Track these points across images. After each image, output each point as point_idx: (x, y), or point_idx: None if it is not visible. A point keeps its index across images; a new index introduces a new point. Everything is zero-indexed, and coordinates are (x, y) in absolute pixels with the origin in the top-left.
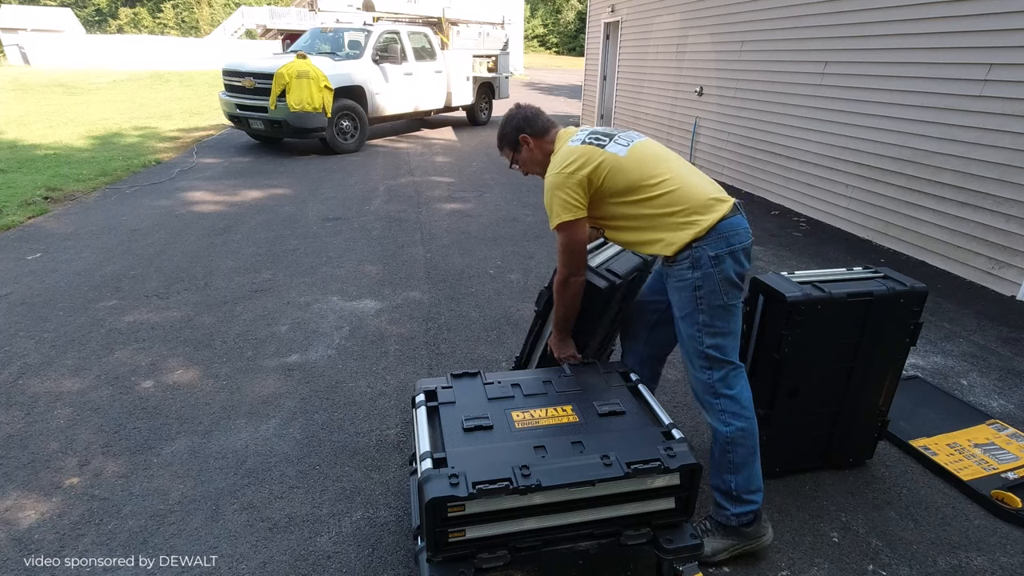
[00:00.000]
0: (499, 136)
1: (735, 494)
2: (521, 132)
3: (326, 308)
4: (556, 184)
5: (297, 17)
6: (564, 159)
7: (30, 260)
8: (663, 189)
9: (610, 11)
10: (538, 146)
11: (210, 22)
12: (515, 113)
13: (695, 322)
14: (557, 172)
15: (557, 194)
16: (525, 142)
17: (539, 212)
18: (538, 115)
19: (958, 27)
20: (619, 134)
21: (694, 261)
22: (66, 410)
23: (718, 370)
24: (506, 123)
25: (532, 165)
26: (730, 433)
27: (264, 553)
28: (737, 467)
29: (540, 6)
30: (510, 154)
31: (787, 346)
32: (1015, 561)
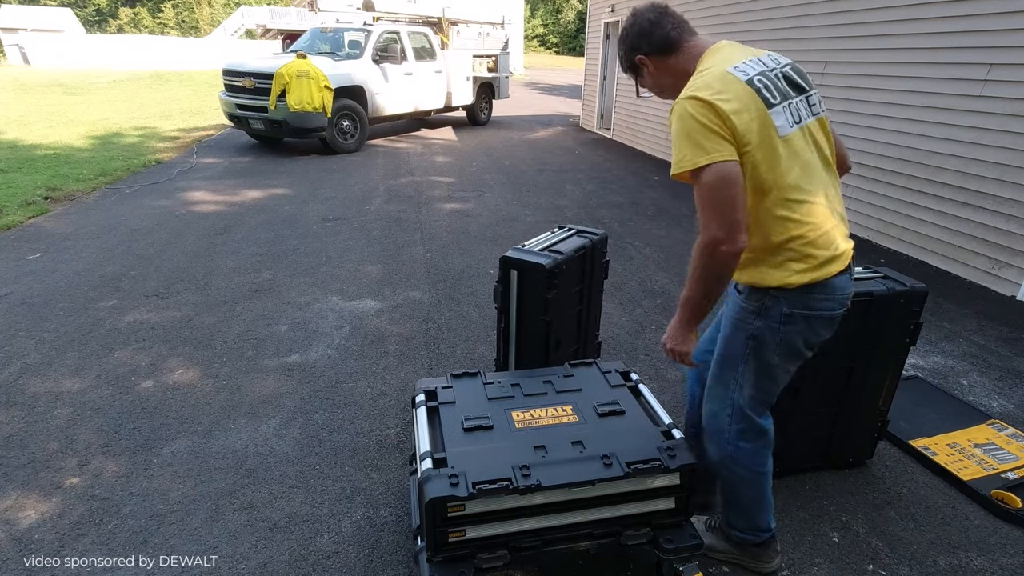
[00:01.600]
0: (619, 58)
1: (734, 524)
2: (637, 52)
3: (326, 308)
4: (687, 110)
5: (297, 17)
6: (709, 83)
7: (30, 260)
8: (799, 215)
9: (610, 11)
10: (663, 68)
11: (210, 22)
12: (629, 25)
13: (735, 369)
14: (692, 95)
15: (687, 123)
16: (643, 64)
17: (539, 212)
18: (658, 22)
19: (958, 27)
20: (789, 97)
21: (762, 309)
22: (66, 410)
23: (738, 423)
24: (621, 39)
25: (662, 91)
26: (728, 476)
27: (264, 553)
28: (734, 504)
29: (540, 6)
30: (634, 77)
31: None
32: (1015, 561)
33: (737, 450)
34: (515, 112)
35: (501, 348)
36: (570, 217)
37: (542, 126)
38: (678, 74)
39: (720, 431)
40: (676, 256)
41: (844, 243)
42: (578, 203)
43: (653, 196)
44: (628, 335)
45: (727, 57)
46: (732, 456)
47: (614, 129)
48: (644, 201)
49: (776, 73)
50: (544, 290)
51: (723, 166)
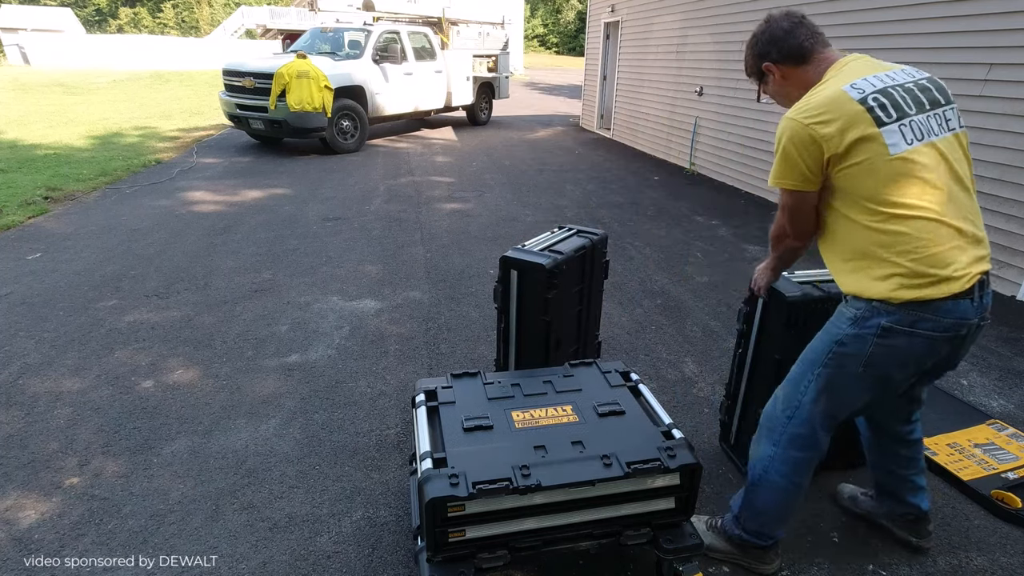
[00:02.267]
0: (744, 65)
1: (743, 524)
2: (765, 59)
3: (326, 308)
4: (788, 134)
5: (297, 17)
6: (816, 106)
7: (30, 260)
8: (911, 230)
9: (610, 11)
10: (790, 77)
11: (210, 22)
12: (762, 31)
13: (811, 371)
14: (796, 116)
15: (785, 146)
16: (770, 72)
17: (539, 212)
18: (792, 31)
19: (958, 27)
20: (915, 113)
21: (859, 318)
22: (66, 410)
23: (796, 428)
24: (749, 46)
25: (787, 100)
26: (763, 480)
27: (264, 553)
28: (752, 507)
29: (540, 6)
30: (757, 84)
31: (787, 347)
32: (1015, 561)
33: (783, 454)
34: (515, 112)
35: (501, 348)
36: (570, 217)
37: (542, 126)
38: (804, 85)
39: (773, 429)
40: (676, 256)
41: (970, 265)
42: (578, 203)
43: (653, 196)
44: (628, 335)
45: (851, 72)
46: (773, 457)
47: (614, 129)
48: (644, 201)
49: (905, 87)
50: (544, 290)
51: (801, 195)
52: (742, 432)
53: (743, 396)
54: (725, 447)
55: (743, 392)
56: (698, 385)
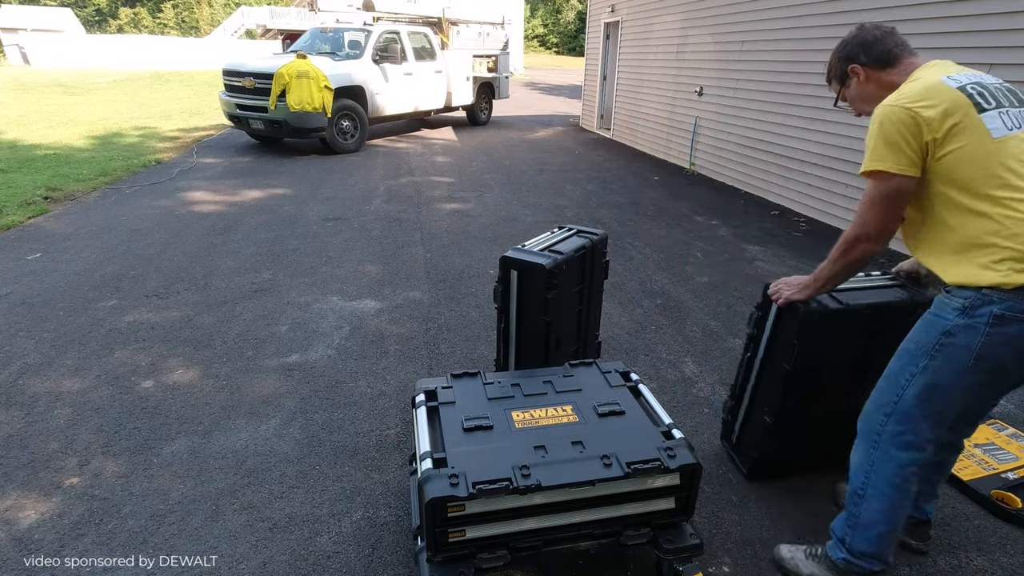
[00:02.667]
0: (828, 67)
1: (848, 545)
2: (852, 61)
3: (326, 308)
4: (887, 116)
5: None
6: (921, 93)
7: (30, 260)
8: (1013, 211)
9: (610, 11)
10: (874, 79)
11: (210, 22)
12: (851, 37)
13: (913, 365)
14: (894, 102)
15: (885, 128)
16: (855, 74)
17: (539, 212)
18: (883, 39)
19: (958, 27)
20: (1010, 106)
21: (968, 307)
22: (66, 410)
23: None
24: (838, 49)
25: (865, 103)
26: (866, 488)
27: (264, 553)
28: (861, 523)
29: (540, 6)
30: (837, 88)
31: (797, 357)
32: (1015, 561)
33: (883, 455)
34: (515, 112)
35: (501, 348)
36: (570, 217)
37: (542, 126)
38: (888, 88)
39: (870, 432)
40: (676, 256)
41: None
42: (578, 203)
43: (653, 196)
44: (628, 335)
45: (943, 69)
46: (873, 461)
47: (614, 129)
48: (644, 201)
49: (995, 86)
50: (544, 290)
51: (902, 180)
52: (744, 433)
53: (748, 400)
54: (726, 445)
55: (748, 396)
56: (698, 385)
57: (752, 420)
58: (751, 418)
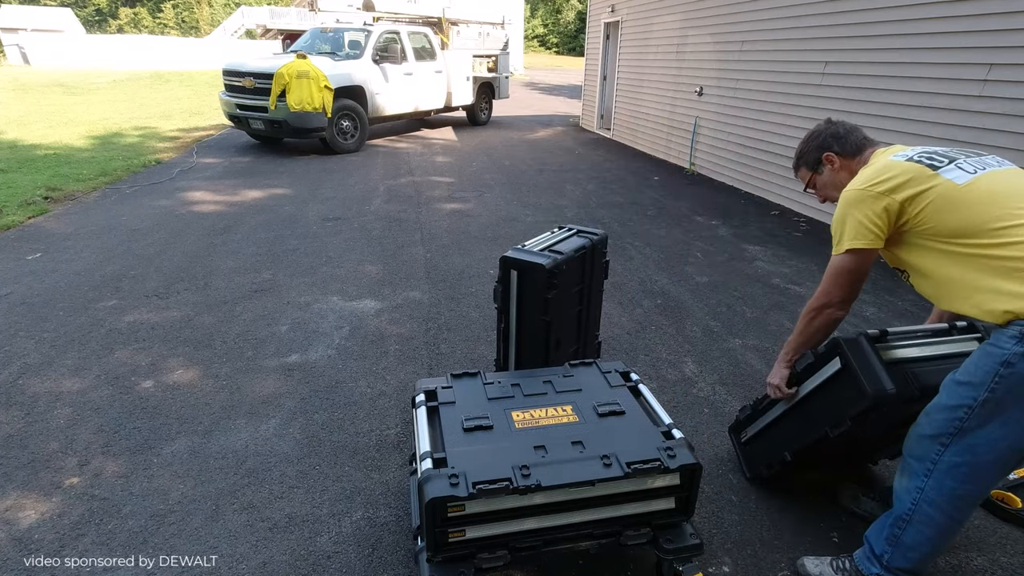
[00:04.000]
0: (797, 155)
1: (887, 563)
2: (826, 150)
3: (326, 308)
4: (854, 200)
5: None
6: (876, 173)
7: (30, 260)
8: (1018, 237)
9: (610, 11)
10: (845, 167)
11: (210, 22)
12: (823, 129)
13: (970, 398)
14: (860, 187)
15: (853, 213)
16: (829, 161)
17: (539, 212)
18: (852, 131)
19: (958, 27)
20: (964, 158)
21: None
22: (66, 410)
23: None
24: (809, 139)
25: (834, 190)
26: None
27: (264, 553)
28: (904, 545)
29: (540, 6)
30: (807, 175)
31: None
32: (1015, 561)
33: (936, 486)
34: (515, 112)
35: (501, 348)
36: (570, 217)
37: (542, 126)
38: (852, 174)
39: (923, 458)
40: (676, 256)
41: None
42: (578, 203)
43: (653, 196)
44: (628, 335)
45: (891, 151)
46: (923, 489)
47: (614, 129)
48: (644, 201)
49: (943, 150)
50: (544, 290)
51: (861, 253)
52: (756, 445)
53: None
54: (733, 439)
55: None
56: (698, 385)
57: (768, 439)
58: (768, 437)
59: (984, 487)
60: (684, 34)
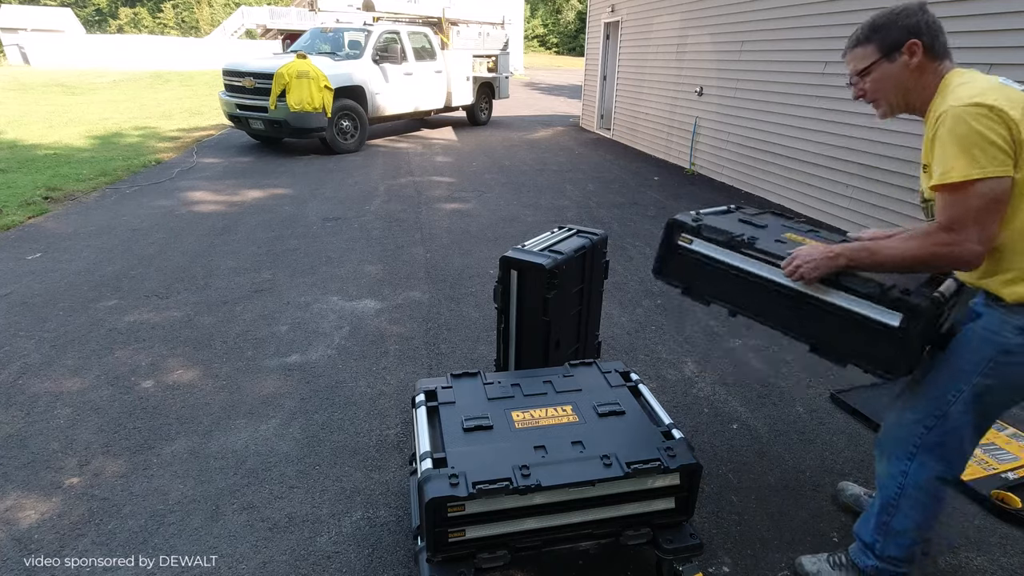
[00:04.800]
0: (871, 27)
1: (879, 552)
2: (915, 35)
3: (326, 308)
4: (963, 120)
5: (297, 17)
6: (985, 89)
7: (30, 260)
8: None
9: (610, 11)
10: (921, 68)
11: (210, 22)
12: (916, 9)
13: (961, 382)
14: (971, 102)
15: (964, 131)
16: (911, 52)
17: (539, 212)
18: (943, 31)
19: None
20: None
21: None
22: (66, 410)
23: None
24: (897, 14)
25: (894, 90)
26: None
27: (264, 553)
28: (894, 531)
29: (540, 6)
30: (873, 57)
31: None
32: (1015, 561)
33: (919, 466)
34: (515, 112)
35: (501, 348)
36: (570, 217)
37: (542, 126)
38: (925, 84)
39: (906, 443)
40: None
41: None
42: (578, 203)
43: (653, 196)
44: (628, 335)
45: (973, 76)
46: (907, 472)
47: (614, 129)
48: (644, 201)
49: None
50: (544, 290)
51: (998, 183)
52: (698, 271)
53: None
54: (672, 235)
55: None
56: (698, 385)
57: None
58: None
59: (964, 463)
60: (684, 34)
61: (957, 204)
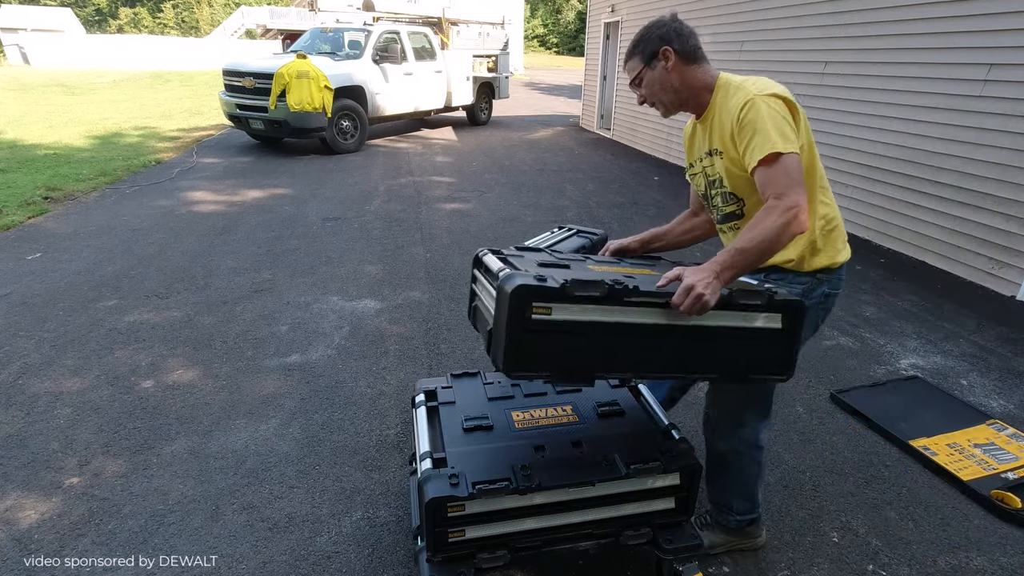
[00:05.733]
0: (634, 42)
1: (736, 510)
2: (667, 43)
3: (326, 308)
4: (773, 104)
5: (297, 17)
6: (769, 84)
7: (30, 260)
8: (830, 198)
9: (610, 11)
10: (680, 70)
11: (210, 22)
12: (665, 21)
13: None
14: (769, 93)
15: (778, 111)
16: (665, 56)
17: (539, 212)
18: (693, 35)
19: (958, 27)
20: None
21: (810, 289)
22: (66, 410)
23: (790, 377)
24: (651, 27)
25: (661, 90)
26: (739, 463)
27: (264, 553)
28: (743, 491)
29: (540, 6)
30: (638, 68)
31: None
32: (1015, 561)
33: (755, 433)
34: (515, 112)
35: None
36: (570, 217)
37: (542, 126)
38: (689, 83)
39: (731, 412)
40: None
41: None
42: (578, 203)
43: (653, 196)
44: None
45: (755, 77)
46: (747, 441)
47: (614, 129)
48: (644, 201)
49: None
50: None
51: (798, 156)
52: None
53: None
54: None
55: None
56: (698, 385)
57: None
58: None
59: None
60: None
61: (783, 174)
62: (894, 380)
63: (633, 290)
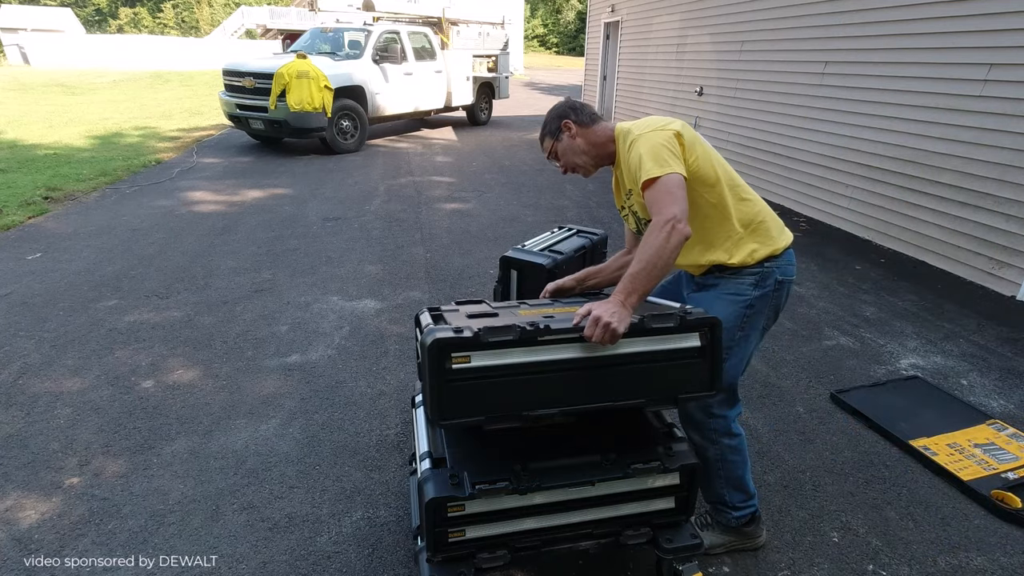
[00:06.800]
0: (542, 127)
1: (731, 504)
2: (564, 118)
3: (326, 308)
4: (652, 137)
5: (297, 17)
6: (654, 121)
7: (30, 260)
8: (749, 196)
9: (610, 11)
10: (582, 135)
11: (210, 22)
12: (561, 103)
13: (729, 339)
14: (651, 130)
15: (656, 141)
16: (567, 128)
17: (539, 212)
18: (585, 106)
19: (958, 27)
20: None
21: (760, 280)
22: (66, 410)
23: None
24: (550, 112)
25: (573, 155)
26: (719, 453)
27: (264, 553)
28: (732, 481)
29: (540, 6)
30: (550, 144)
31: None
32: (1015, 561)
33: (726, 422)
34: (515, 112)
35: None
36: (570, 217)
37: None
38: (593, 142)
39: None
40: None
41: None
42: (578, 203)
43: None
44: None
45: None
46: (721, 431)
47: None
48: None
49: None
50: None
51: (678, 176)
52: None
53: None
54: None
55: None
56: None
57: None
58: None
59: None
60: (684, 34)
61: (663, 193)
62: (894, 380)
63: (545, 329)
